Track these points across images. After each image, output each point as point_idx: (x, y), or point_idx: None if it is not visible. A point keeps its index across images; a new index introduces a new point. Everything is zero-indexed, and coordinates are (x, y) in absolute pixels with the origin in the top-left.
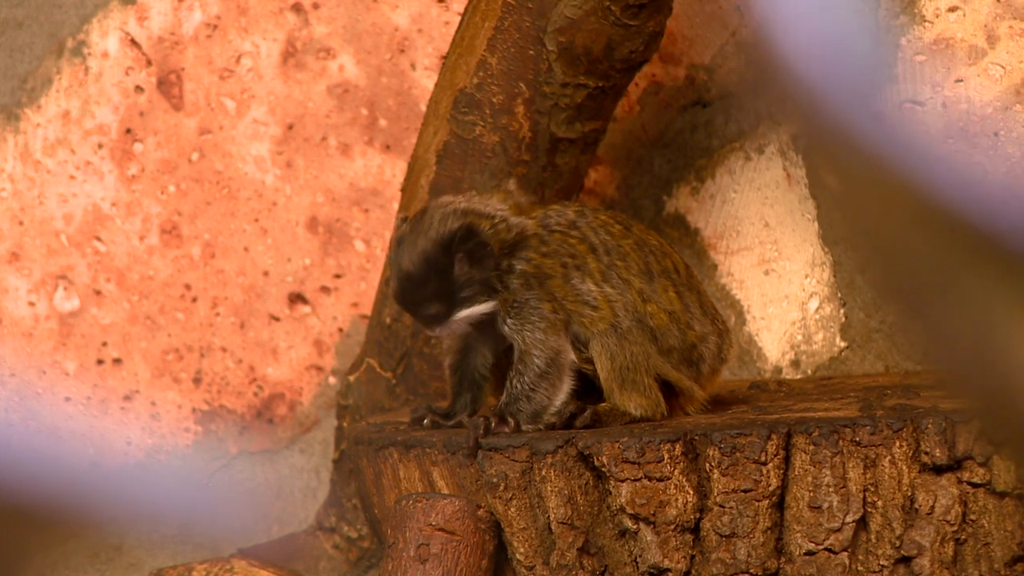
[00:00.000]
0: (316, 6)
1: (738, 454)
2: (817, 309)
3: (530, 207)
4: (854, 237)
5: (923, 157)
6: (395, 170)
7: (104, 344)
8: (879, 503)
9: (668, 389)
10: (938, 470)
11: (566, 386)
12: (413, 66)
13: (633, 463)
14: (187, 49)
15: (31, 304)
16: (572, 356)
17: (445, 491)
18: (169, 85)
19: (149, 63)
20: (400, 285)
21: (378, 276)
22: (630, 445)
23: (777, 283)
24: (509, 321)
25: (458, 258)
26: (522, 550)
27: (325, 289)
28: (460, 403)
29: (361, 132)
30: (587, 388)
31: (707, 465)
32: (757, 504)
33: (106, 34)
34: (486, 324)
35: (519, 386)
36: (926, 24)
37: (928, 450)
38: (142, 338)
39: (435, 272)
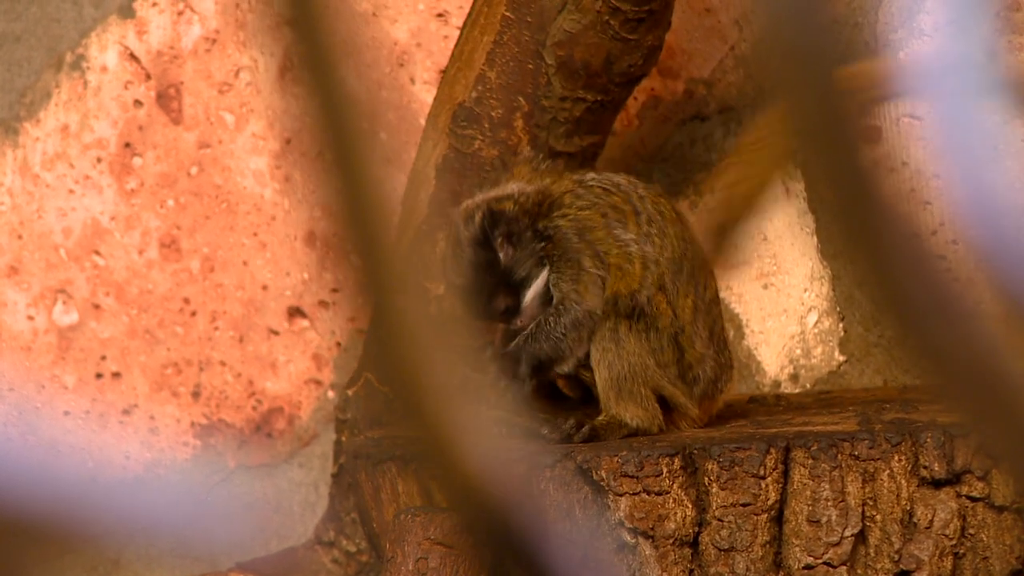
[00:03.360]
0: None
1: (737, 468)
2: (816, 323)
3: (559, 173)
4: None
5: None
6: (394, 184)
7: (103, 358)
8: (878, 517)
9: (663, 404)
10: (937, 484)
11: (583, 351)
12: (412, 80)
13: (632, 477)
14: (186, 63)
15: (30, 318)
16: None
17: (444, 505)
18: (168, 99)
19: (148, 77)
20: (464, 302)
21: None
22: (629, 459)
23: (776, 297)
24: (552, 276)
25: (498, 245)
26: None
27: (323, 303)
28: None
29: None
30: (584, 398)
31: (706, 479)
32: (756, 518)
33: (105, 48)
34: None
35: (548, 327)
36: (924, 38)
37: (927, 464)
38: (141, 352)
39: (485, 272)
